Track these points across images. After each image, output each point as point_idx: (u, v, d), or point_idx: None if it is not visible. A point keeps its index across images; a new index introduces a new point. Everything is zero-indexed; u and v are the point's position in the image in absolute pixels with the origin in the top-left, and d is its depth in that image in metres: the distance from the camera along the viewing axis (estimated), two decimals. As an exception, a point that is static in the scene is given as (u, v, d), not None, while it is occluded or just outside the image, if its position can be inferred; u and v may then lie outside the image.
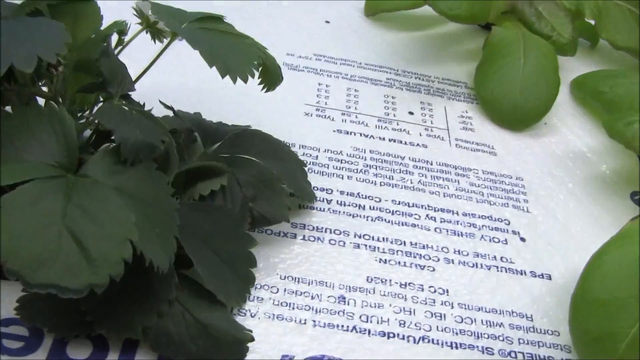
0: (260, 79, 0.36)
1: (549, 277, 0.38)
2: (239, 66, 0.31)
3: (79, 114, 0.34)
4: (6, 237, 0.24)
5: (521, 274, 0.38)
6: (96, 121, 0.30)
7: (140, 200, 0.29)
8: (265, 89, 0.37)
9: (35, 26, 0.28)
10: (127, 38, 0.35)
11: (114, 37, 0.35)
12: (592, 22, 0.56)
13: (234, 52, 0.32)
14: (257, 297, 0.34)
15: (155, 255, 0.28)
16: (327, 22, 0.56)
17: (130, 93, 0.34)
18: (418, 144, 0.45)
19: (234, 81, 0.30)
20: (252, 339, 0.31)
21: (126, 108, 0.31)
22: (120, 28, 0.35)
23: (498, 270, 0.38)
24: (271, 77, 0.36)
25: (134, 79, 0.34)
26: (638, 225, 0.37)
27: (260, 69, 0.34)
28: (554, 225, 0.42)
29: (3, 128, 0.27)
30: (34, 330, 0.31)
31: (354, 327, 0.34)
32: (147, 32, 0.35)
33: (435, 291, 0.36)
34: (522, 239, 0.40)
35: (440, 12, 0.47)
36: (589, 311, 0.34)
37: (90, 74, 0.34)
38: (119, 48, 0.35)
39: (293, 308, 0.34)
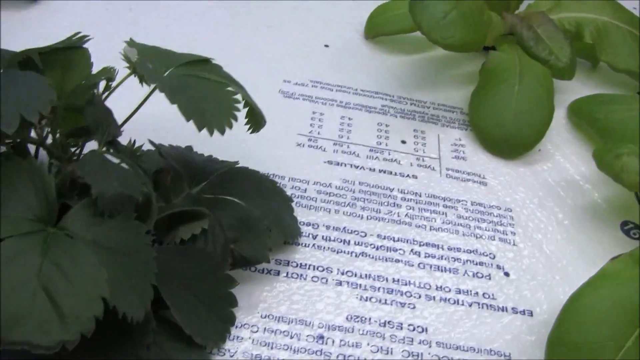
0: (246, 120, 0.38)
1: (531, 314, 0.39)
2: (216, 118, 0.32)
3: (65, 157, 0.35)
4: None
5: (502, 310, 0.39)
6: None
7: (117, 252, 0.30)
8: (251, 130, 0.38)
9: (21, 82, 0.29)
10: (115, 83, 0.37)
11: (102, 83, 0.36)
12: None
13: (212, 103, 0.33)
14: (237, 337, 0.35)
15: (129, 306, 0.29)
16: (327, 45, 0.57)
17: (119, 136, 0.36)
18: (408, 175, 0.46)
19: (211, 134, 0.32)
20: (226, 382, 0.33)
21: (109, 157, 0.33)
22: (108, 75, 0.36)
23: (479, 307, 0.39)
24: (256, 119, 0.38)
25: (128, 115, 0.36)
26: (617, 265, 0.38)
27: (245, 111, 0.36)
28: (539, 259, 0.42)
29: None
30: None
31: (332, 367, 0.35)
32: (135, 76, 0.37)
33: (414, 329, 0.37)
34: (506, 274, 0.41)
35: (433, 41, 0.47)
36: (564, 354, 0.35)
37: (79, 119, 0.35)
38: (107, 93, 0.36)
39: (272, 348, 0.35)
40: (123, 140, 0.37)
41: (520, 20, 0.55)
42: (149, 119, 0.39)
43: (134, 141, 0.39)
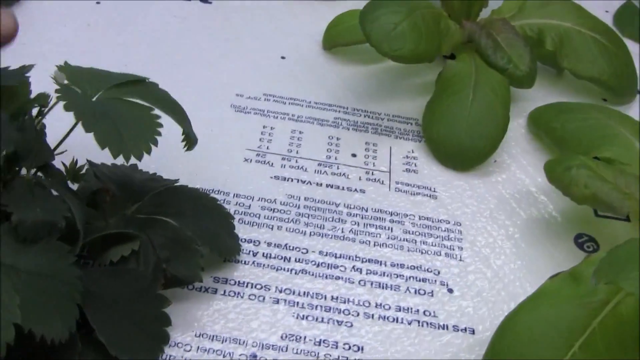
0: (182, 138, 0.38)
1: (472, 332, 0.39)
2: (134, 144, 0.33)
3: None
4: None
5: (443, 328, 0.39)
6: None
7: (38, 274, 0.31)
8: (186, 149, 0.38)
9: None
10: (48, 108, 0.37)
11: (35, 109, 0.37)
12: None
13: (132, 129, 0.34)
14: (170, 356, 0.36)
15: (49, 329, 0.30)
16: (283, 57, 0.57)
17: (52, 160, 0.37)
18: (356, 189, 0.46)
19: (127, 160, 0.32)
20: (150, 405, 0.33)
21: (38, 182, 0.33)
22: (42, 101, 0.37)
23: (419, 325, 0.39)
24: (189, 139, 0.38)
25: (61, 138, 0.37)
26: (555, 284, 0.38)
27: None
28: (486, 274, 0.43)
29: None
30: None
31: (261, 387, 0.35)
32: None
33: (349, 348, 0.38)
34: (450, 290, 0.41)
35: (382, 54, 0.48)
36: (498, 373, 0.35)
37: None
38: (39, 119, 0.37)
39: (203, 367, 0.36)
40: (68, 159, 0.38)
41: (480, 28, 0.55)
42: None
43: (76, 161, 0.40)
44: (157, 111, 0.36)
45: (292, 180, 0.47)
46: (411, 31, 0.49)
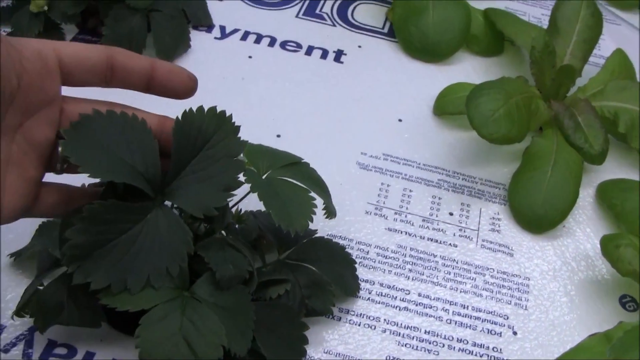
0: (323, 209, 0.54)
1: (528, 367, 0.55)
2: (297, 220, 0.49)
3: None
4: (145, 344, 0.44)
5: (506, 362, 0.55)
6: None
7: (230, 310, 0.47)
8: (325, 217, 0.54)
9: (169, 231, 0.46)
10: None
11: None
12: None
13: (296, 207, 0.50)
14: (306, 366, 0.53)
15: (236, 346, 0.46)
16: (400, 120, 0.72)
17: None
18: (450, 244, 0.62)
19: (293, 233, 0.48)
20: (296, 402, 0.50)
21: (224, 241, 0.50)
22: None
23: (488, 358, 0.55)
24: (330, 211, 0.54)
25: (237, 201, 0.53)
26: (592, 342, 0.52)
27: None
28: (544, 323, 0.57)
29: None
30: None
31: (370, 395, 0.52)
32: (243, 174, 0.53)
33: (435, 372, 0.54)
34: (515, 333, 0.56)
35: (482, 136, 0.62)
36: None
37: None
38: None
39: (330, 376, 0.52)
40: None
41: (565, 109, 0.68)
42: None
43: (240, 209, 0.56)
44: (312, 193, 0.52)
45: (401, 232, 0.62)
46: (505, 118, 0.62)
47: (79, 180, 0.46)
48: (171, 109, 0.49)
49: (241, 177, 0.49)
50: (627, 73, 0.74)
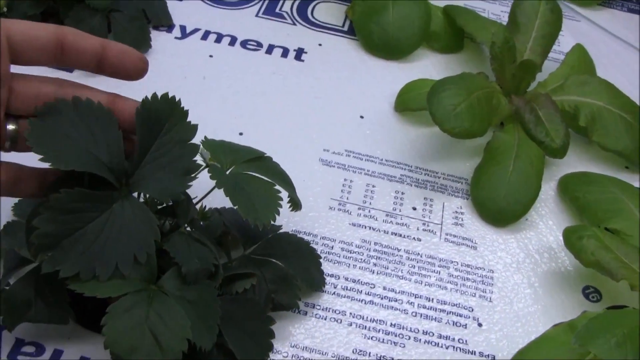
0: (288, 202, 0.55)
1: (493, 358, 0.56)
2: (264, 214, 0.50)
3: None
4: (110, 333, 0.44)
5: (471, 353, 0.56)
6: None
7: (196, 304, 0.48)
8: (291, 209, 0.56)
9: (135, 219, 0.46)
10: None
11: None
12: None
13: (262, 202, 0.51)
14: (273, 360, 0.54)
15: (202, 341, 0.47)
16: (362, 117, 0.74)
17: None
18: (414, 238, 0.63)
19: (260, 227, 0.49)
20: (263, 395, 0.51)
21: (189, 236, 0.51)
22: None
23: (454, 350, 0.56)
24: (295, 204, 0.55)
25: (202, 196, 0.54)
26: (556, 331, 0.55)
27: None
28: (509, 314, 0.59)
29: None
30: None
31: (337, 388, 0.53)
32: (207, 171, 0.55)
33: (401, 364, 0.55)
34: (480, 325, 0.58)
35: (444, 131, 0.64)
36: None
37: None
38: (189, 182, 0.54)
39: (296, 370, 0.54)
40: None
41: (525, 103, 0.70)
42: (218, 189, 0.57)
43: (205, 206, 0.57)
44: (277, 187, 0.53)
45: (365, 227, 0.64)
46: (467, 112, 0.64)
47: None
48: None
49: (200, 162, 0.50)
50: (586, 68, 0.77)
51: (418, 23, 0.80)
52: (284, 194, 0.52)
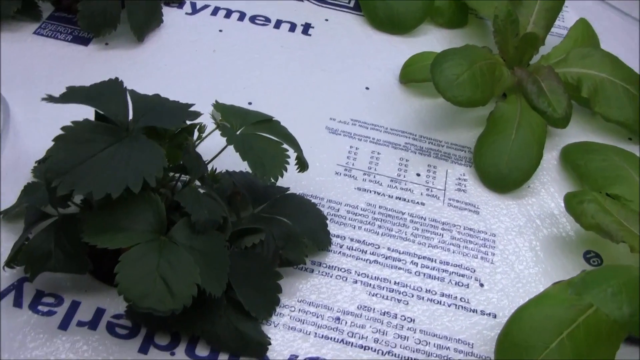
0: (296, 163, 0.57)
1: (495, 316, 0.58)
2: (272, 170, 0.52)
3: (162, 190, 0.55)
4: (123, 280, 0.46)
5: (473, 312, 0.58)
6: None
7: (205, 254, 0.50)
8: (298, 171, 0.58)
9: (142, 150, 0.49)
10: (205, 134, 0.57)
11: (196, 133, 0.57)
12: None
13: (270, 159, 0.53)
14: (280, 313, 0.56)
15: (212, 287, 0.49)
16: (367, 88, 0.76)
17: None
18: (417, 202, 0.65)
19: (268, 182, 0.52)
20: (270, 344, 0.53)
21: (199, 190, 0.53)
22: (200, 130, 0.56)
23: (456, 308, 0.58)
24: (302, 164, 0.57)
25: (213, 157, 0.56)
26: (556, 289, 0.56)
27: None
28: (510, 275, 0.61)
29: (119, 214, 0.49)
30: (135, 323, 0.54)
31: (342, 340, 0.55)
32: (218, 130, 0.57)
33: (405, 319, 0.57)
34: (481, 285, 0.60)
35: (446, 99, 0.66)
36: (507, 349, 0.53)
37: (177, 155, 0.55)
38: (198, 142, 0.56)
39: (303, 322, 0.55)
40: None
41: (528, 75, 0.72)
42: (228, 153, 0.58)
43: (215, 169, 0.59)
44: (285, 145, 0.55)
45: (370, 191, 0.66)
46: (469, 82, 0.66)
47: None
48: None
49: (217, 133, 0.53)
50: (590, 42, 0.79)
51: (422, -2, 0.82)
52: (292, 155, 0.55)
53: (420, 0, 0.82)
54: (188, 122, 0.55)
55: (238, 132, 0.55)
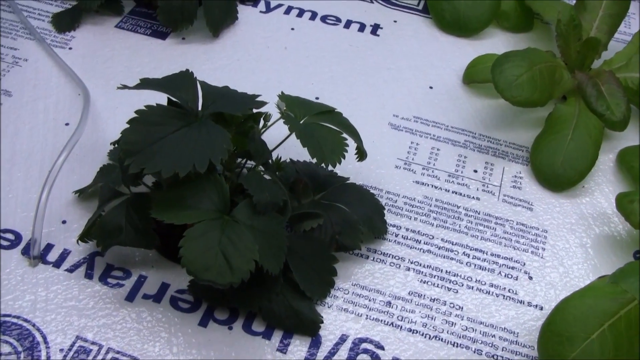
0: (355, 153, 0.60)
1: (541, 308, 0.59)
2: (330, 157, 0.54)
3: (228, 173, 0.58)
4: (187, 253, 0.50)
5: (520, 303, 0.59)
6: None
7: (265, 233, 0.53)
8: (357, 160, 0.60)
9: (214, 134, 0.52)
10: (270, 123, 0.59)
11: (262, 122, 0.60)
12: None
13: (329, 146, 0.55)
14: (334, 295, 0.58)
15: (269, 265, 0.52)
16: (431, 87, 0.78)
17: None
18: (473, 197, 0.67)
19: (326, 167, 0.54)
20: (322, 322, 0.55)
21: (262, 175, 0.56)
22: (265, 118, 0.59)
23: (504, 298, 0.59)
24: (361, 153, 0.60)
25: (277, 144, 0.59)
26: (600, 282, 0.57)
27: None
28: (558, 270, 0.62)
29: (186, 193, 0.52)
30: (197, 298, 0.57)
31: (392, 323, 0.57)
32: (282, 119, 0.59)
33: (453, 306, 0.58)
34: (530, 277, 0.61)
35: (505, 99, 0.67)
36: (549, 338, 0.54)
37: (244, 141, 0.58)
38: (263, 130, 0.59)
39: (355, 305, 0.58)
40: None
41: (588, 78, 0.73)
42: (292, 143, 0.61)
43: (280, 157, 0.62)
44: (344, 135, 0.57)
45: (428, 185, 0.67)
46: (528, 83, 0.68)
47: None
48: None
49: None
50: (655, 48, 0.79)
51: (488, 2, 0.83)
52: (352, 144, 0.57)
53: (486, 4, 0.83)
54: (255, 111, 0.58)
55: (301, 122, 0.57)
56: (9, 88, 0.75)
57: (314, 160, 0.54)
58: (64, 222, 0.62)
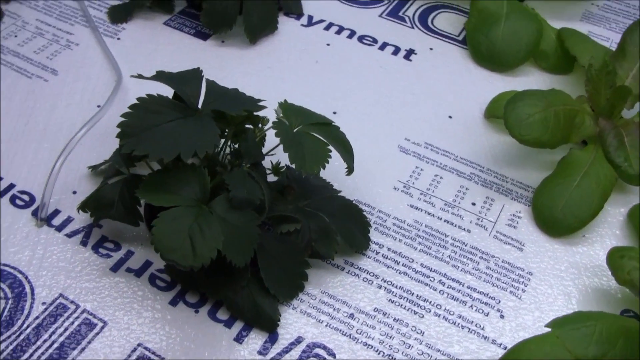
0: (346, 168, 0.64)
1: (505, 348, 0.61)
2: (309, 165, 0.59)
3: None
4: (157, 232, 0.55)
5: (485, 338, 0.62)
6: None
7: (236, 227, 0.58)
8: (347, 174, 0.64)
9: (202, 128, 0.58)
10: (267, 127, 0.64)
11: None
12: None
13: (312, 155, 0.60)
14: (301, 299, 0.62)
15: (235, 257, 0.56)
16: (450, 117, 0.81)
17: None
18: (464, 229, 0.70)
19: (304, 174, 0.59)
20: (279, 320, 0.60)
21: (248, 173, 0.61)
22: (263, 122, 0.64)
23: (469, 331, 0.62)
24: (350, 170, 0.64)
25: (272, 148, 0.64)
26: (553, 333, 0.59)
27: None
28: (533, 314, 0.64)
29: (171, 179, 0.58)
30: (173, 280, 0.63)
31: (349, 335, 0.60)
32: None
33: (415, 330, 0.62)
34: (502, 316, 0.63)
35: (513, 136, 0.70)
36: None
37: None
38: (260, 133, 0.64)
39: (319, 311, 0.62)
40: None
41: (612, 127, 0.74)
42: None
43: (279, 162, 0.67)
44: (330, 147, 0.62)
45: (422, 210, 0.71)
46: (540, 123, 0.70)
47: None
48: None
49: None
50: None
51: (526, 40, 0.86)
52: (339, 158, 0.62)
53: (523, 42, 0.86)
54: (255, 113, 0.63)
55: (295, 130, 0.62)
56: (57, 68, 0.84)
57: (294, 166, 0.59)
58: (74, 192, 0.70)
